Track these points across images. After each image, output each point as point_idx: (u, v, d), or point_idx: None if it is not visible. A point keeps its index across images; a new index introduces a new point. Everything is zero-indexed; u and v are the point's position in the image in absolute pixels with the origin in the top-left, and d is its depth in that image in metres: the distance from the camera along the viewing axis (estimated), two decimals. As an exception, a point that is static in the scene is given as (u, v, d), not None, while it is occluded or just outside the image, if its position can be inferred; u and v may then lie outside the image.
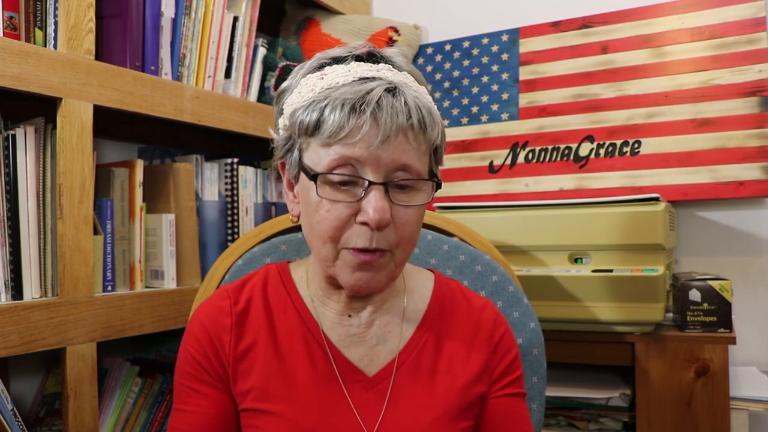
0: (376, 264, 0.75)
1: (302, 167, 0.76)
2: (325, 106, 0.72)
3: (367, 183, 0.72)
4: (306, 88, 0.76)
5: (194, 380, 0.80)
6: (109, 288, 1.25)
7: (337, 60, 0.78)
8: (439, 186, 0.78)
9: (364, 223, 0.73)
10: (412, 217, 0.76)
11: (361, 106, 0.70)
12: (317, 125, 0.72)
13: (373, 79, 0.74)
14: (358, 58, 0.78)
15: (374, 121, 0.70)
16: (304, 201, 0.78)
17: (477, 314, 0.87)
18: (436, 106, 0.78)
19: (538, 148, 1.81)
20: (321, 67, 0.78)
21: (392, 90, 0.72)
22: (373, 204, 0.72)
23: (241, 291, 0.85)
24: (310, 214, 0.76)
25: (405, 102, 0.72)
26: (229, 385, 0.80)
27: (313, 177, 0.73)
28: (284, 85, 0.82)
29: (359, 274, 0.75)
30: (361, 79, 0.74)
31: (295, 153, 0.77)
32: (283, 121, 0.79)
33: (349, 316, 0.83)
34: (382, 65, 0.77)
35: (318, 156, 0.73)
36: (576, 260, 1.37)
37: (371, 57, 0.78)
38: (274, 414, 0.77)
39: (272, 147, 0.83)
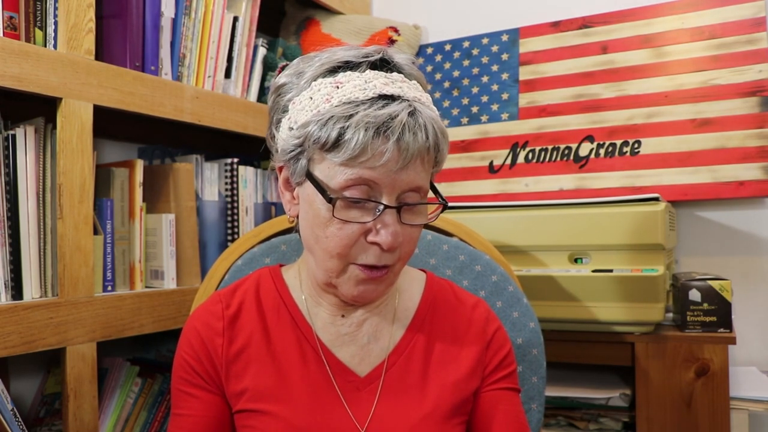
0: (380, 279, 0.77)
1: (312, 180, 0.74)
2: (347, 126, 0.69)
3: (382, 206, 0.72)
4: (320, 96, 0.73)
5: (188, 385, 0.81)
6: (109, 288, 1.25)
7: (350, 66, 0.75)
8: (445, 207, 0.79)
9: (375, 243, 0.73)
10: (415, 234, 0.78)
11: (385, 132, 0.69)
12: (336, 143, 0.70)
13: (392, 98, 0.72)
14: (373, 66, 0.75)
15: (397, 147, 0.70)
16: (310, 209, 0.76)
17: (469, 312, 0.88)
18: (439, 115, 0.77)
19: (538, 148, 1.81)
20: (333, 71, 0.75)
21: (412, 113, 0.71)
22: (389, 228, 0.72)
23: (233, 295, 0.85)
24: (317, 227, 0.75)
25: (424, 125, 0.72)
26: (222, 388, 0.81)
27: (330, 200, 0.72)
28: (284, 80, 0.78)
29: (363, 288, 0.77)
30: (380, 96, 0.71)
31: (303, 162, 0.75)
32: (288, 124, 0.76)
33: (342, 316, 0.84)
34: (395, 75, 0.75)
35: (333, 172, 0.72)
36: (576, 260, 1.37)
37: (384, 64, 0.76)
38: (269, 414, 0.78)
39: (274, 147, 0.81)
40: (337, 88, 0.72)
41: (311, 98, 0.73)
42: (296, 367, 0.81)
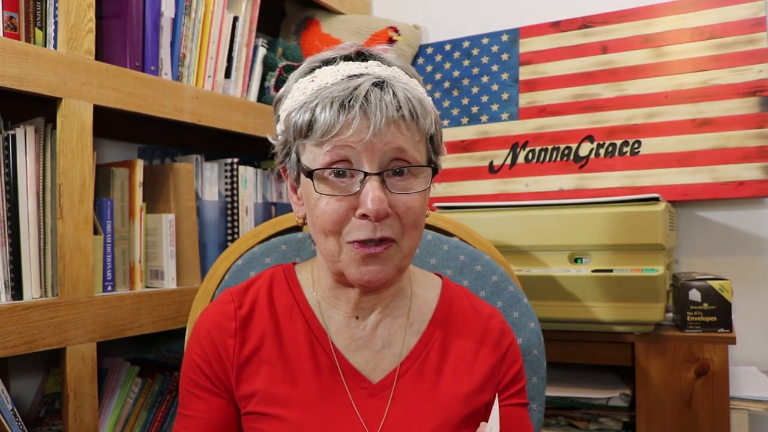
0: (382, 256, 0.75)
1: (300, 168, 0.76)
2: (316, 105, 0.73)
3: (362, 175, 0.72)
4: (298, 92, 0.77)
5: (196, 386, 0.81)
6: (109, 288, 1.25)
7: (327, 62, 0.78)
8: (436, 171, 0.79)
9: (364, 216, 0.72)
10: (414, 204, 0.75)
11: (349, 102, 0.71)
12: (310, 126, 0.73)
13: (361, 75, 0.74)
14: (347, 58, 0.78)
15: (364, 114, 0.71)
16: (306, 200, 0.78)
17: (484, 322, 0.87)
18: (428, 97, 0.78)
19: (538, 148, 1.81)
20: (312, 70, 0.79)
21: (380, 83, 0.73)
22: (370, 195, 0.71)
23: (245, 294, 0.84)
24: (311, 211, 0.77)
25: (394, 94, 0.73)
26: (231, 391, 0.80)
27: (309, 174, 0.74)
28: (280, 92, 0.83)
29: (365, 269, 0.75)
30: (349, 77, 0.74)
31: (293, 156, 0.78)
32: (279, 127, 0.80)
33: (357, 317, 0.83)
34: (371, 62, 0.78)
35: (313, 155, 0.74)
36: (576, 260, 1.37)
37: (360, 56, 0.79)
38: (278, 418, 0.77)
39: (272, 153, 0.84)
40: (312, 81, 0.77)
41: (292, 97, 0.78)
42: (308, 371, 0.80)
